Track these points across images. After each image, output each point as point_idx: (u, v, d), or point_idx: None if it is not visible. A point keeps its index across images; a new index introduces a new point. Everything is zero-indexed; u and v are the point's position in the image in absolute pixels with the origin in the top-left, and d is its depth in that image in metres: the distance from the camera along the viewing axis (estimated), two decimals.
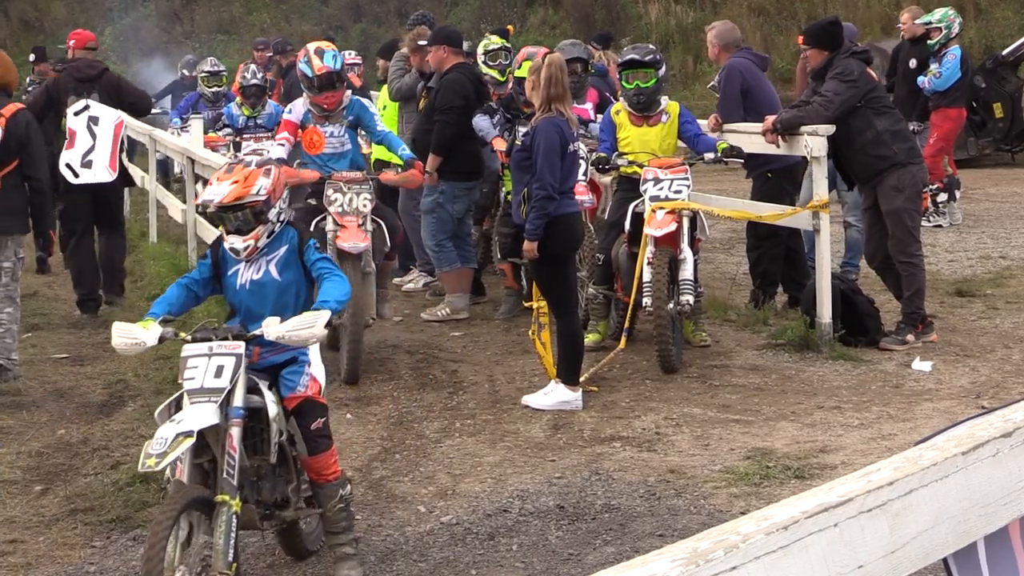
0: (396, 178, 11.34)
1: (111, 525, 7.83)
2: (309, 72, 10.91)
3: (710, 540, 2.27)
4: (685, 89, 26.79)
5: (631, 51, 11.32)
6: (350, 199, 10.64)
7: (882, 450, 8.38)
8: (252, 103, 16.96)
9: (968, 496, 2.80)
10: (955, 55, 16.89)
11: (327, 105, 10.95)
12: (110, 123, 13.55)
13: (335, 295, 6.60)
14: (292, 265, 6.85)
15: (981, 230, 16.73)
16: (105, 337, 12.61)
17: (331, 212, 10.66)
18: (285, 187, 6.99)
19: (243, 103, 17.03)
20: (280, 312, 6.63)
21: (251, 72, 17.15)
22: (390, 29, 30.35)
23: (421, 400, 10.17)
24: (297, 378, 6.73)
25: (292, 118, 11.17)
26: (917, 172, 11.19)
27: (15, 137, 10.95)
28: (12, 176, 10.95)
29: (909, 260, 11.08)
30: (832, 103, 10.94)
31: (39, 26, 33.15)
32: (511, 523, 7.59)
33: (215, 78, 19.59)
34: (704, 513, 7.58)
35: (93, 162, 13.36)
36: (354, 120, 11.13)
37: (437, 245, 12.78)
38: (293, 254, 6.85)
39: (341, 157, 11.02)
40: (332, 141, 11.03)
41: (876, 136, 11.00)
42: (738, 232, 16.16)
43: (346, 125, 11.09)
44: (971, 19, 24.94)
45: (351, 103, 11.12)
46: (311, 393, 6.77)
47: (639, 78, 11.10)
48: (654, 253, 10.55)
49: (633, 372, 10.67)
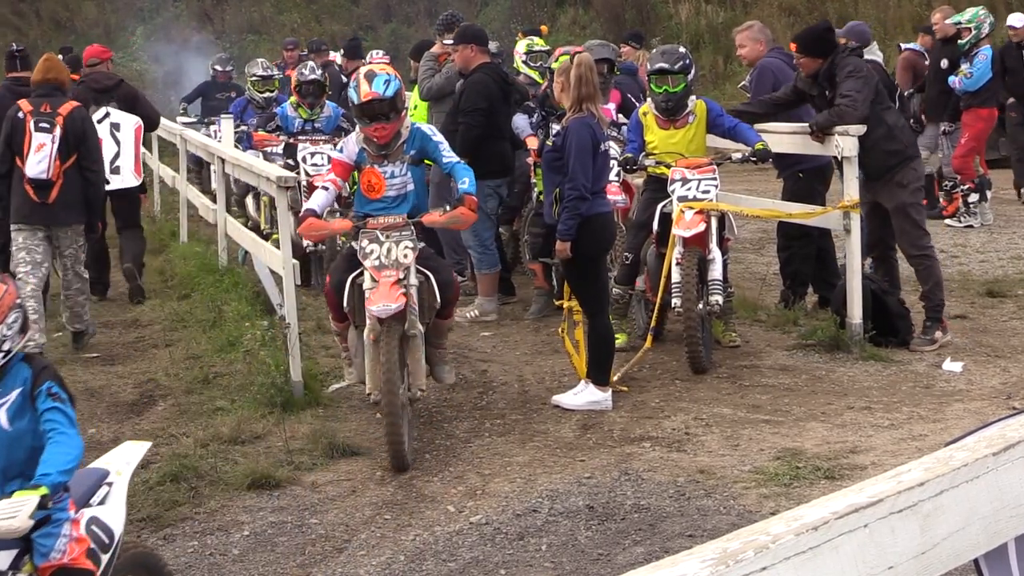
0: (442, 219, 9.19)
1: (141, 524, 7.86)
2: (356, 99, 9.12)
3: (740, 540, 2.27)
4: (716, 89, 26.74)
5: (660, 57, 11.21)
6: (388, 249, 8.90)
7: (912, 451, 8.35)
8: (310, 103, 15.13)
9: (999, 497, 2.79)
10: (986, 55, 16.84)
11: (379, 139, 9.10)
12: (130, 129, 14.43)
13: (57, 464, 5.33)
14: (26, 411, 5.53)
15: (1012, 230, 16.65)
16: (136, 336, 12.74)
17: (367, 267, 8.94)
18: (10, 308, 5.55)
19: (299, 103, 15.16)
20: (9, 469, 5.50)
21: (309, 68, 15.55)
22: (420, 29, 30.39)
23: (451, 400, 10.18)
24: (51, 542, 5.43)
25: (344, 158, 9.36)
26: (919, 166, 11.35)
27: (73, 133, 11.90)
28: (72, 170, 11.90)
29: (921, 253, 11.07)
30: (857, 101, 10.92)
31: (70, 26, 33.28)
32: (540, 523, 7.59)
33: (267, 82, 18.11)
34: (734, 513, 7.56)
35: (121, 168, 14.28)
36: (418, 153, 9.26)
37: (481, 246, 12.77)
38: (26, 398, 5.53)
39: (403, 201, 9.21)
40: (393, 183, 9.18)
41: (888, 131, 11.00)
42: (768, 232, 16.13)
43: (408, 161, 9.22)
44: (1003, 19, 24.77)
45: (412, 133, 9.29)
46: (69, 560, 5.49)
47: (668, 83, 11.06)
48: (683, 254, 10.53)
49: (663, 372, 10.66)
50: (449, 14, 15.53)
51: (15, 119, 11.94)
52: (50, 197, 11.78)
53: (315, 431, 9.18)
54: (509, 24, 28.92)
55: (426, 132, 9.35)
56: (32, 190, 11.80)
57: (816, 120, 11.22)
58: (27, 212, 11.83)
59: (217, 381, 10.67)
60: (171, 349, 11.82)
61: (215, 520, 7.93)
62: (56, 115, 11.88)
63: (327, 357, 11.34)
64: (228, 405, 9.95)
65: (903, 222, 11.03)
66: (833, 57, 11.19)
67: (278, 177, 10.71)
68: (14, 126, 11.91)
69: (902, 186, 11.00)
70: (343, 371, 9.92)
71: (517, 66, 13.67)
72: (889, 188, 11.03)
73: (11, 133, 11.91)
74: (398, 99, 9.06)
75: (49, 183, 11.78)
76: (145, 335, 12.78)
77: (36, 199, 11.78)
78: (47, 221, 11.86)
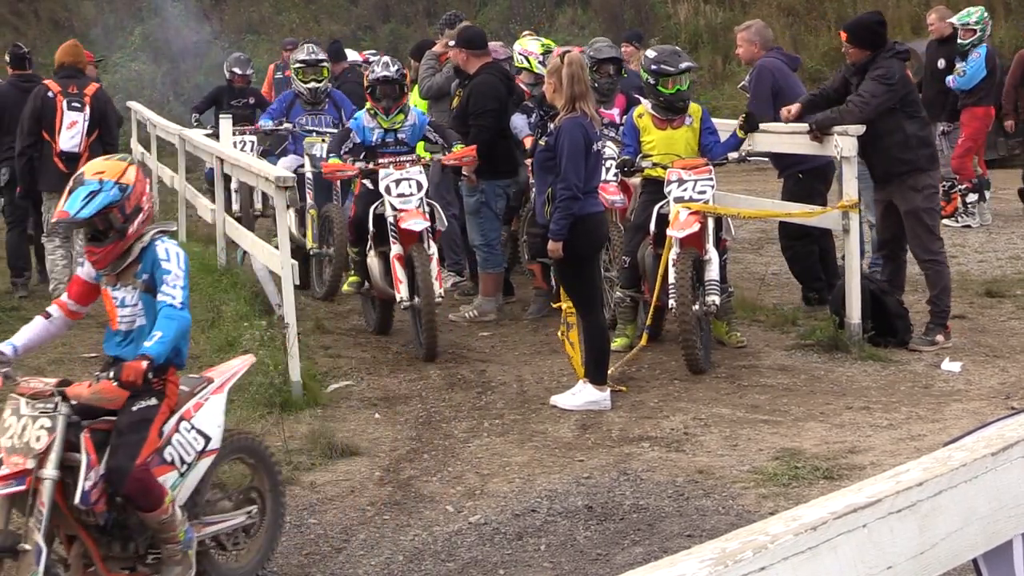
0: (87, 394, 6.32)
1: None
2: None
3: (739, 541, 2.28)
4: (714, 89, 26.75)
5: (663, 61, 11.13)
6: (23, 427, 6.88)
7: (911, 451, 8.36)
8: (386, 107, 11.97)
9: (998, 497, 2.79)
10: (979, 53, 16.81)
11: (93, 263, 6.69)
12: None
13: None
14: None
15: (1011, 230, 16.66)
16: None
17: None
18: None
19: (375, 109, 12.01)
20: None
21: (382, 64, 12.25)
22: (418, 29, 30.36)
23: (449, 400, 10.19)
24: None
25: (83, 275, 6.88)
26: (934, 175, 11.25)
27: (97, 110, 13.76)
28: (95, 144, 13.53)
29: (932, 258, 11.05)
30: (868, 105, 10.88)
31: (69, 26, 33.22)
32: (539, 523, 7.59)
33: (313, 70, 14.89)
34: (732, 514, 7.57)
35: None
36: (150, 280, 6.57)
37: (487, 245, 12.76)
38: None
39: None
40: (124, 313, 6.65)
41: (904, 139, 10.95)
42: (767, 232, 16.14)
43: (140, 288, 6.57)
44: (1001, 18, 24.82)
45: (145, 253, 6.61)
46: None
47: (679, 83, 11.04)
48: (679, 254, 10.54)
49: (661, 372, 10.66)
50: (452, 13, 15.54)
51: (45, 98, 13.59)
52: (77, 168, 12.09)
53: (314, 431, 9.17)
54: (508, 24, 28.89)
55: (158, 256, 6.54)
56: (62, 162, 13.41)
57: (815, 118, 11.19)
58: (57, 182, 12.69)
59: None
60: None
61: None
62: (84, 95, 13.67)
63: (326, 357, 11.34)
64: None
65: (916, 226, 11.01)
66: (877, 53, 11.12)
67: (277, 177, 10.71)
68: (45, 104, 13.57)
69: (916, 190, 10.96)
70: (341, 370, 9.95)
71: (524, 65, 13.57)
72: (902, 191, 11.01)
73: (42, 111, 13.55)
74: (112, 216, 6.50)
75: (78, 155, 13.21)
76: None
77: (65, 170, 12.81)
78: None
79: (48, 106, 13.57)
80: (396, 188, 11.48)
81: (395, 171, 11.56)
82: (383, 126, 11.95)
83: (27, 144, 13.68)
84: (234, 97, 18.26)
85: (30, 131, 13.64)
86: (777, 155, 12.22)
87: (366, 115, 12.06)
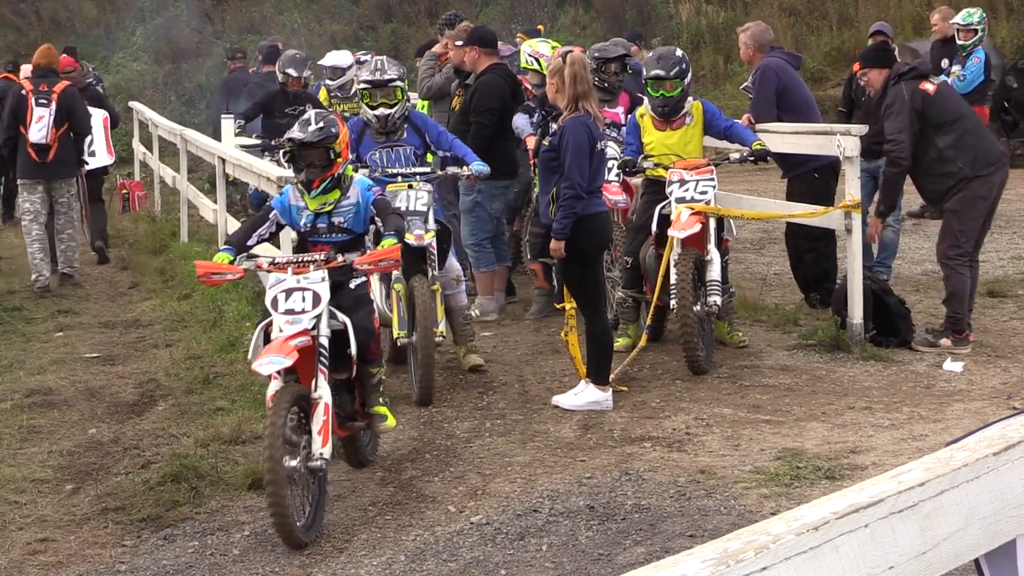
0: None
1: (142, 524, 7.87)
2: None
3: (740, 541, 2.27)
4: (716, 89, 26.71)
5: (656, 64, 11.14)
6: None
7: (913, 451, 8.35)
8: (307, 179, 8.36)
9: (1000, 497, 2.79)
10: (979, 58, 16.79)
11: None
12: (99, 120, 17.25)
13: None
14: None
15: (1013, 230, 16.65)
16: (136, 336, 12.75)
17: None
18: None
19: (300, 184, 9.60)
20: None
21: (300, 123, 8.45)
22: (420, 29, 30.34)
23: (451, 400, 10.18)
24: None
25: None
26: (991, 179, 11.05)
27: (66, 106, 15.38)
28: (65, 135, 15.38)
29: (947, 262, 11.03)
30: (901, 143, 10.85)
31: (70, 26, 33.25)
32: (541, 523, 7.59)
33: (383, 91, 10.99)
34: (734, 514, 7.56)
35: (96, 151, 17.07)
36: None
37: (477, 245, 12.78)
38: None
39: None
40: None
41: (939, 155, 10.90)
42: (769, 232, 16.14)
43: None
44: (1003, 18, 24.80)
45: None
46: None
47: (665, 88, 11.04)
48: (680, 255, 10.53)
49: (663, 372, 10.66)
50: (452, 13, 15.54)
51: (19, 96, 15.45)
52: (48, 157, 15.26)
53: None
54: (509, 24, 28.86)
55: None
56: (34, 152, 15.24)
57: (880, 210, 11.37)
58: (30, 170, 15.39)
59: (218, 381, 10.68)
60: (171, 349, 11.83)
61: (216, 520, 7.93)
62: (52, 93, 15.35)
63: None
64: (229, 405, 9.96)
65: (952, 221, 11.01)
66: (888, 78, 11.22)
67: (279, 177, 10.71)
68: (18, 101, 15.40)
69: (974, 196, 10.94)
70: None
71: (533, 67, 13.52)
72: None
73: (16, 107, 15.37)
74: None
75: (47, 147, 15.22)
76: (145, 335, 12.79)
77: (37, 159, 15.24)
78: (47, 175, 15.39)
79: (21, 103, 15.39)
80: (285, 301, 7.90)
81: (289, 277, 8.02)
82: (310, 207, 8.50)
83: (7, 137, 15.58)
84: (288, 104, 15.91)
85: (8, 126, 15.53)
86: (784, 155, 12.20)
87: (292, 190, 8.62)
